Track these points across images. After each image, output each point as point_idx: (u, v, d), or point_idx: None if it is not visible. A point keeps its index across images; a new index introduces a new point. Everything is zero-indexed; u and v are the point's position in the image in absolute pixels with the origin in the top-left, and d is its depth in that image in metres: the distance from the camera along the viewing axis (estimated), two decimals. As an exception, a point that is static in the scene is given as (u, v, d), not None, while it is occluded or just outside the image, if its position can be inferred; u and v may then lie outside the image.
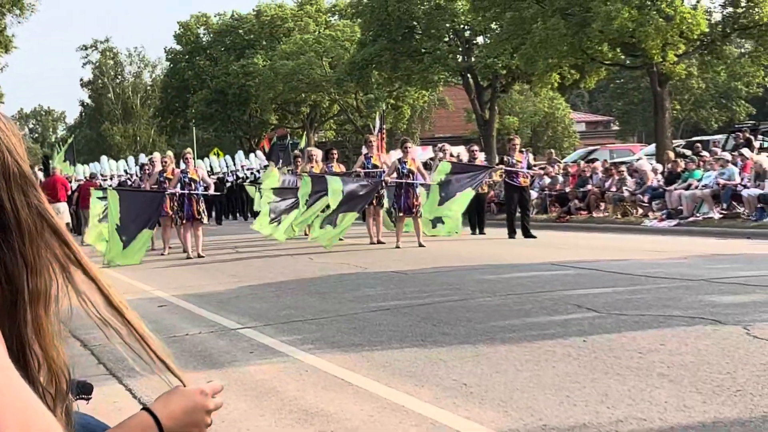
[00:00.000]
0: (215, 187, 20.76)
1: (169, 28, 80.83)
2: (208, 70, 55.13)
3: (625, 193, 21.32)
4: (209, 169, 33.48)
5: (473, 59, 37.65)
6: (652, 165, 22.68)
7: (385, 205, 17.90)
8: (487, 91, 38.52)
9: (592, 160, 29.11)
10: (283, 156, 28.88)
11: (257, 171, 32.79)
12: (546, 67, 28.71)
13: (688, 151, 26.50)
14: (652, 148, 31.46)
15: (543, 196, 24.16)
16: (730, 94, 53.51)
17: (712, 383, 5.38)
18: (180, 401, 1.55)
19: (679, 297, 8.61)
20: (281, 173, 21.36)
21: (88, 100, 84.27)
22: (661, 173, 21.58)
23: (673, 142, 31.19)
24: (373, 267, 13.09)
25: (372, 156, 18.10)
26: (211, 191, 18.31)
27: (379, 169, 17.73)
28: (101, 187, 22.57)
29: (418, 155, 20.09)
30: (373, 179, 17.24)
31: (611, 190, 21.92)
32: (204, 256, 16.49)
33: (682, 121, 55.71)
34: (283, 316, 9.02)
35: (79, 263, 1.31)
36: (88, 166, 39.64)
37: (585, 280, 10.29)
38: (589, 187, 22.75)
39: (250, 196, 26.75)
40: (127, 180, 34.64)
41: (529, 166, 18.72)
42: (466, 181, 17.49)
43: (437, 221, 17.83)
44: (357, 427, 5.09)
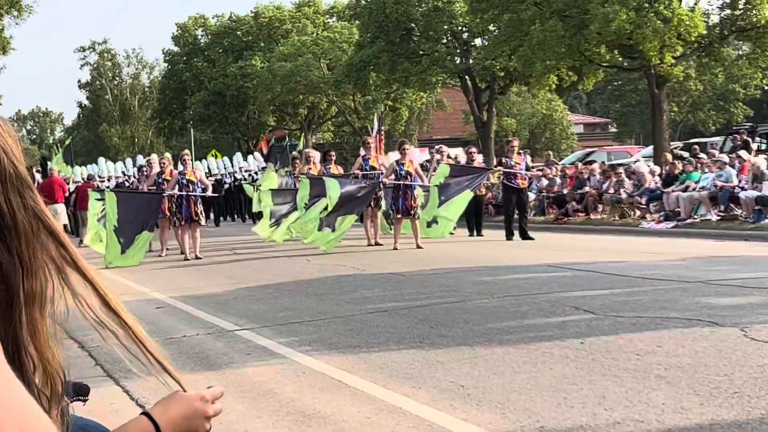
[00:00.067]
0: (213, 188, 20.77)
1: (168, 29, 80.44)
2: (205, 71, 55.11)
3: (623, 195, 21.33)
4: (207, 170, 33.46)
5: (471, 61, 37.63)
6: (649, 167, 22.68)
7: (382, 207, 17.90)
8: (485, 93, 38.51)
9: (590, 161, 29.15)
10: (281, 158, 28.87)
11: (255, 172, 32.80)
12: (544, 69, 28.73)
13: (686, 153, 26.56)
14: (649, 150, 31.48)
15: (540, 198, 24.16)
16: (728, 96, 53.54)
17: (709, 385, 5.39)
18: (179, 407, 1.55)
19: (676, 299, 8.61)
20: (279, 176, 21.35)
21: (86, 102, 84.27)
22: (659, 175, 21.58)
23: (671, 144, 31.22)
24: (371, 268, 13.09)
25: (370, 158, 18.11)
26: (209, 193, 18.30)
27: (377, 170, 17.74)
28: (99, 188, 22.56)
29: (416, 157, 20.09)
30: (371, 181, 17.25)
31: (609, 191, 21.92)
32: (202, 258, 16.49)
33: (679, 123, 55.74)
34: (280, 317, 9.02)
35: (75, 265, 1.30)
36: (85, 168, 39.61)
37: (582, 282, 10.30)
38: (587, 188, 22.76)
39: (248, 197, 26.75)
40: (124, 181, 34.64)
41: (527, 167, 18.74)
42: (465, 183, 17.50)
43: (432, 221, 17.88)
44: (354, 428, 5.09)
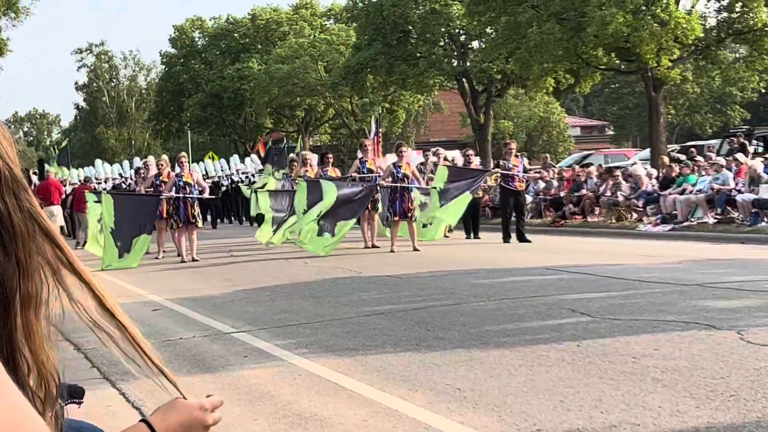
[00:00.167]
0: (210, 190, 20.74)
1: (167, 30, 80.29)
2: (203, 73, 55.11)
3: (620, 198, 21.34)
4: (204, 172, 33.41)
5: (468, 63, 37.66)
6: (646, 170, 22.69)
7: (379, 209, 17.90)
8: (482, 96, 38.54)
9: (587, 164, 29.15)
10: (278, 160, 28.87)
11: (252, 175, 32.79)
12: (541, 72, 28.74)
13: (683, 156, 26.57)
14: (646, 153, 31.50)
15: (538, 201, 24.15)
16: (725, 99, 53.55)
17: (705, 388, 5.39)
18: (178, 415, 1.55)
19: (673, 302, 8.62)
20: (276, 179, 21.35)
21: (83, 104, 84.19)
22: (656, 178, 21.59)
23: (668, 146, 31.22)
24: (368, 271, 13.09)
25: (367, 160, 18.10)
26: (206, 195, 18.29)
27: (374, 173, 17.74)
28: (95, 190, 22.52)
29: (413, 159, 20.09)
30: (368, 184, 17.24)
31: (606, 194, 21.93)
32: (198, 260, 16.47)
33: (676, 126, 55.77)
34: (277, 320, 9.01)
35: (71, 266, 1.30)
36: (82, 170, 39.55)
37: (579, 285, 10.30)
38: (584, 191, 22.76)
39: (245, 199, 26.72)
40: (121, 183, 34.61)
41: (525, 170, 18.75)
42: (464, 187, 17.49)
43: (426, 223, 17.92)
44: (351, 431, 5.09)
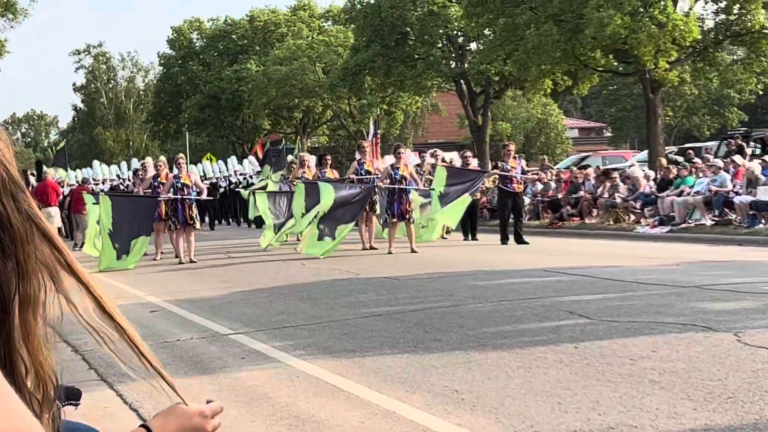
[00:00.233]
0: (208, 192, 20.74)
1: (167, 31, 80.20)
2: (201, 75, 55.11)
3: (618, 200, 21.34)
4: (202, 174, 33.43)
5: (466, 65, 37.70)
6: (644, 171, 22.71)
7: (377, 211, 17.89)
8: (480, 97, 38.58)
9: (585, 166, 29.14)
10: (276, 161, 28.87)
11: (250, 176, 32.79)
12: (539, 74, 28.78)
13: (681, 158, 26.56)
14: (644, 155, 31.52)
15: (535, 202, 24.16)
16: (723, 101, 53.57)
17: (703, 390, 5.39)
18: (178, 421, 1.55)
19: (670, 304, 8.62)
20: (273, 182, 21.34)
21: (81, 105, 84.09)
22: (654, 180, 21.60)
23: (666, 148, 31.26)
24: (366, 273, 13.08)
25: (365, 162, 18.11)
26: (204, 196, 18.28)
27: (372, 174, 17.74)
28: (93, 191, 22.49)
29: (411, 161, 20.09)
30: (366, 185, 17.24)
31: (603, 196, 21.93)
32: (196, 262, 16.46)
33: (674, 128, 55.81)
34: (275, 321, 9.00)
35: (69, 268, 1.30)
36: (80, 171, 39.53)
37: (577, 287, 10.30)
38: (582, 193, 22.77)
39: (243, 201, 26.72)
40: (119, 185, 34.59)
41: (523, 171, 18.75)
42: (462, 190, 17.49)
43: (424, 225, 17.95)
44: (348, 433, 5.09)
